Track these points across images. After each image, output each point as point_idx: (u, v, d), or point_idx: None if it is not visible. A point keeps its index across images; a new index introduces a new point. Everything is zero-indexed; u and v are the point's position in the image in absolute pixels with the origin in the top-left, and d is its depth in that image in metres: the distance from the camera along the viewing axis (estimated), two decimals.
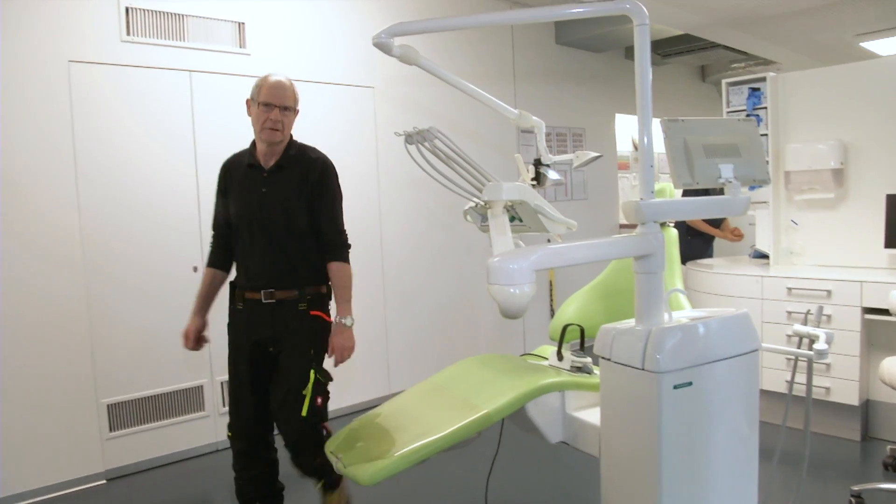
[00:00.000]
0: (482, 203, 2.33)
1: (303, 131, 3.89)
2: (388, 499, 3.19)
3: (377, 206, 4.65)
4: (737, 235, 5.26)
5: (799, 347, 2.35)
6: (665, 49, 6.92)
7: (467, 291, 5.17)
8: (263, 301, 2.50)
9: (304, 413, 2.38)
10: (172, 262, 3.71)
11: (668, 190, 2.41)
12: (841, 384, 3.79)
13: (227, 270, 2.69)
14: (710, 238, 5.34)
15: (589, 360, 2.43)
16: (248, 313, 2.55)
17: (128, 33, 3.54)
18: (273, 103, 2.46)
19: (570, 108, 6.11)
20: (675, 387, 1.74)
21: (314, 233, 2.55)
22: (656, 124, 1.85)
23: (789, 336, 3.17)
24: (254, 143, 2.60)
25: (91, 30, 3.43)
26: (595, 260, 1.77)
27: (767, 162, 4.28)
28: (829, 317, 3.73)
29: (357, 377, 4.48)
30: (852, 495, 3.02)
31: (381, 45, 2.03)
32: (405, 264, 4.80)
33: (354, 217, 4.47)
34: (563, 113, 6.03)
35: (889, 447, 3.45)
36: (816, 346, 2.17)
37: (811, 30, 5.45)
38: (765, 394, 4.11)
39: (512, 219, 2.35)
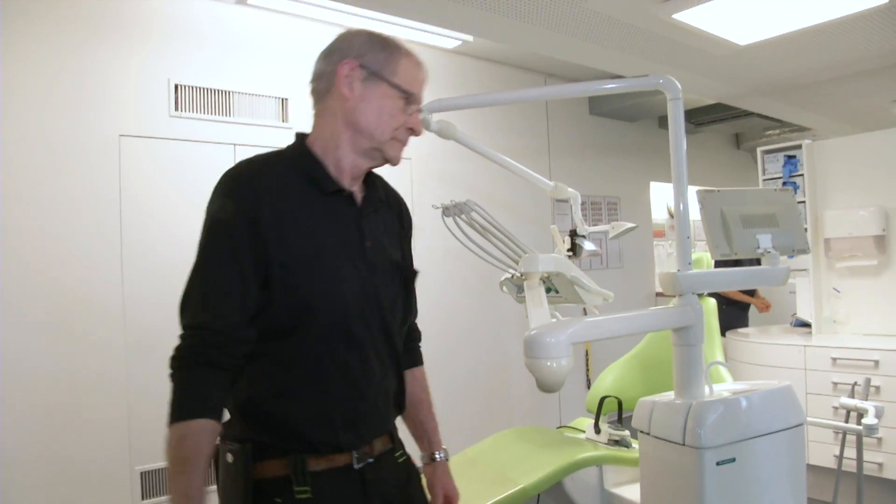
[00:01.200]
0: (518, 274, 2.34)
1: None
2: None
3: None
4: (765, 305, 5.18)
5: (847, 421, 2.28)
6: (699, 118, 6.98)
7: (502, 362, 5.12)
8: (398, 460, 1.50)
9: None
10: None
11: (706, 260, 2.40)
12: (894, 459, 3.63)
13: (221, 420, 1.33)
14: (746, 306, 5.26)
15: (627, 433, 2.38)
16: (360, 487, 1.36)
17: (176, 108, 3.69)
18: (418, 96, 1.46)
19: (605, 177, 6.15)
20: (718, 463, 1.69)
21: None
22: (692, 193, 1.86)
23: (836, 408, 3.07)
24: (304, 149, 1.44)
25: (141, 105, 3.58)
26: (633, 333, 1.76)
27: (806, 229, 4.24)
28: (877, 388, 3.61)
29: None
30: None
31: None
32: (439, 334, 4.79)
33: None
34: (598, 182, 6.07)
35: None
36: (865, 420, 2.11)
37: (846, 96, 5.46)
38: (812, 469, 3.96)
39: (548, 290, 2.35)
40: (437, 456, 1.61)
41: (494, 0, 3.14)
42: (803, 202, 4.30)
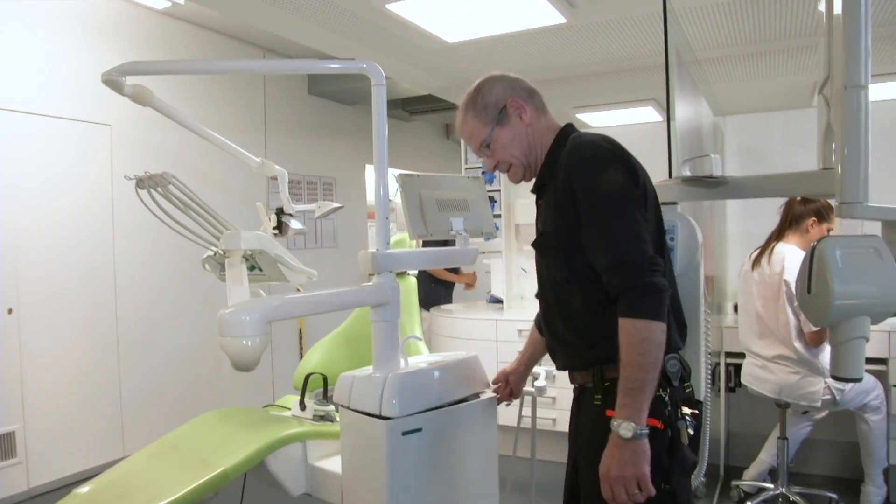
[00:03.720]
0: (221, 252, 2.27)
1: (22, 166, 3.51)
2: None
3: (111, 250, 4.29)
4: (470, 281, 5.63)
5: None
6: (412, 107, 7.32)
7: (212, 343, 4.92)
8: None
9: None
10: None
11: (408, 241, 2.54)
12: (564, 415, 4.18)
13: None
14: (451, 285, 5.67)
15: (332, 408, 2.44)
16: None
17: None
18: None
19: (322, 158, 6.19)
20: (404, 433, 1.80)
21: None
22: (393, 178, 1.95)
23: None
24: None
25: None
26: (330, 310, 1.80)
27: (499, 216, 4.69)
28: None
29: (84, 439, 4.05)
30: None
31: (111, 83, 1.93)
32: (141, 313, 4.47)
33: (84, 260, 4.13)
34: (314, 162, 6.09)
35: None
36: (537, 383, 2.40)
37: None
38: (502, 429, 4.42)
39: (252, 268, 2.31)
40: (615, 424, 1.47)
41: None
42: (499, 191, 4.74)
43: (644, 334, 1.40)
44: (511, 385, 2.14)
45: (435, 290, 5.48)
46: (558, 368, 1.81)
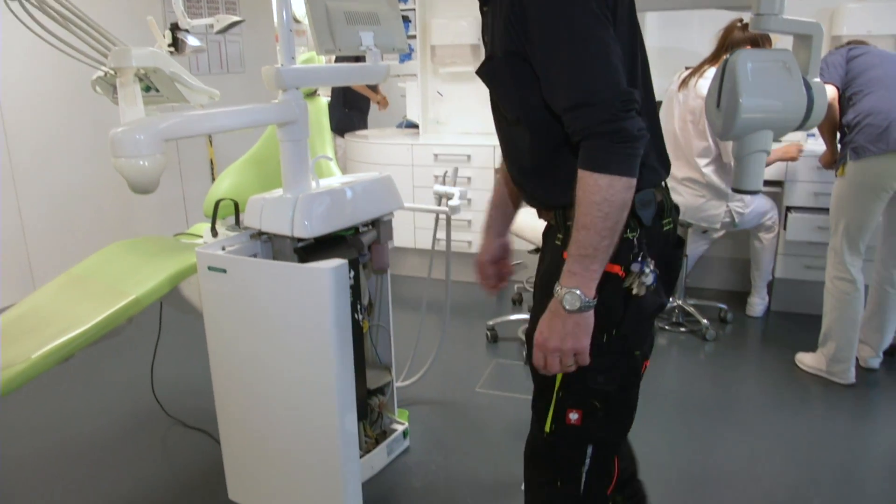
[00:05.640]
0: (112, 72, 2.09)
1: None
2: (42, 404, 2.91)
3: None
4: (383, 103, 5.47)
5: (439, 206, 2.58)
6: None
7: (114, 171, 4.70)
8: None
9: (546, 428, 1.40)
10: None
11: (317, 60, 2.39)
12: (480, 237, 4.30)
13: None
14: (366, 110, 5.51)
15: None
16: None
17: None
18: None
19: None
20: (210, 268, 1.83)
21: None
22: None
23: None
24: None
25: None
26: (233, 128, 1.71)
27: (414, 37, 4.49)
28: (469, 178, 4.16)
29: None
30: (488, 329, 3.54)
31: None
32: (32, 143, 4.18)
33: None
34: None
35: (516, 286, 4.07)
36: (451, 202, 2.41)
37: None
38: (419, 252, 4.52)
39: (147, 89, 2.15)
40: (557, 290, 1.29)
41: None
42: (413, 10, 4.50)
43: (606, 193, 1.14)
44: (494, 270, 1.73)
45: (349, 116, 5.33)
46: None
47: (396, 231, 2.34)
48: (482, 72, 1.33)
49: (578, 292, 1.18)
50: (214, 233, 2.39)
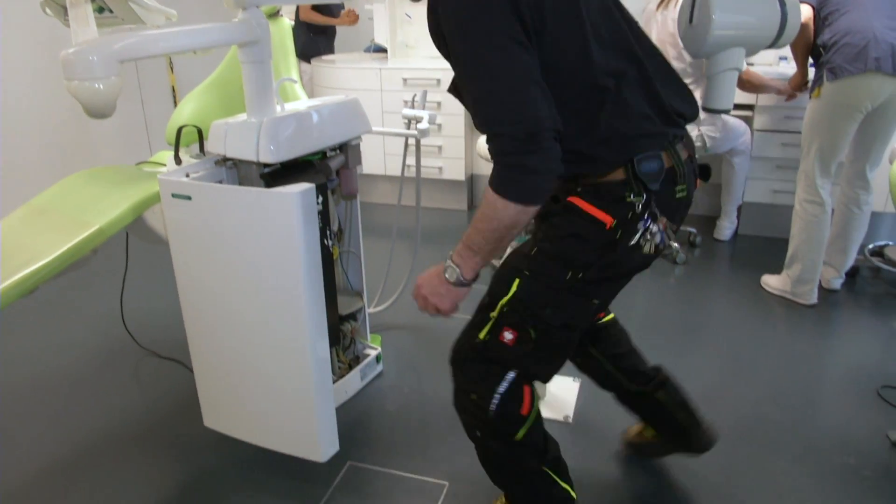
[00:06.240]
0: None
1: None
2: (10, 339, 2.88)
3: None
4: (352, 18, 5.26)
5: (409, 129, 2.53)
6: None
7: (70, 97, 4.53)
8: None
9: (481, 335, 1.45)
10: None
11: None
12: (450, 163, 4.27)
13: None
14: (332, 34, 5.34)
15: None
16: None
17: None
18: None
19: None
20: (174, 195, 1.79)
21: None
22: None
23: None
24: None
25: None
26: (192, 48, 1.64)
27: None
28: (439, 103, 4.08)
29: None
30: None
31: None
32: None
33: None
34: None
35: None
36: (420, 125, 2.37)
37: None
38: (389, 179, 4.48)
39: (101, 10, 2.04)
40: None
41: None
42: None
43: (499, 213, 1.23)
44: None
45: (314, 41, 5.15)
46: None
47: (366, 158, 2.30)
48: (451, 90, 1.39)
49: (459, 271, 1.35)
50: (178, 160, 2.33)
